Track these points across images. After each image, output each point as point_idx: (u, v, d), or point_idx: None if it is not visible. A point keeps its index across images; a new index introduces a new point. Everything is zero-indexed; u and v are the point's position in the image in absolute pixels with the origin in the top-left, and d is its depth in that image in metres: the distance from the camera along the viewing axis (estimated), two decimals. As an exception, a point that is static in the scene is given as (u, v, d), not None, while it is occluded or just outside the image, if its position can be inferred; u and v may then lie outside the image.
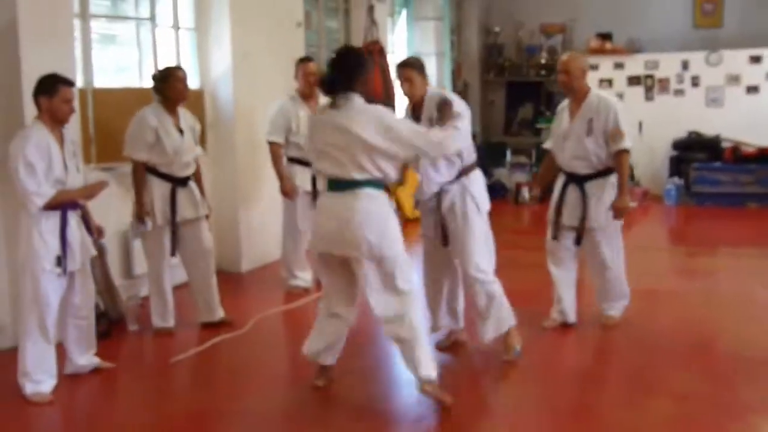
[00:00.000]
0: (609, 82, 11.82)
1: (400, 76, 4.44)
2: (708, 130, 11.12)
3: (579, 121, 4.92)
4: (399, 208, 9.83)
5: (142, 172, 5.06)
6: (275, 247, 6.63)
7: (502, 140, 12.77)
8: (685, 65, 11.49)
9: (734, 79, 11.25)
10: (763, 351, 4.69)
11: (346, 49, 4.33)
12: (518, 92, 13.05)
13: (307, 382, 4.28)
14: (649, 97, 11.67)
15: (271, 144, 6.11)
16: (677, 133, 11.25)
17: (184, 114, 5.24)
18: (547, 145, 5.33)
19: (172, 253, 5.21)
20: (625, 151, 4.82)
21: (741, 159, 10.55)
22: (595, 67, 11.70)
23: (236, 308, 5.67)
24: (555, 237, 5.09)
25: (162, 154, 5.02)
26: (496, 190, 10.54)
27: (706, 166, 10.63)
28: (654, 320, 5.28)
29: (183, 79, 5.11)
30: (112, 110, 5.76)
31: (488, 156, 11.35)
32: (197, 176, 5.35)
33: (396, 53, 10.89)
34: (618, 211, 4.87)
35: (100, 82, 5.90)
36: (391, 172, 3.87)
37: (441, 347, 4.82)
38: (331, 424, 3.92)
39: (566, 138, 4.98)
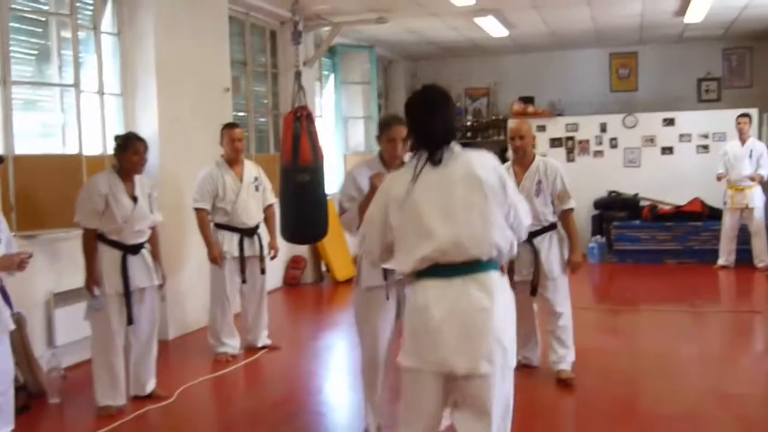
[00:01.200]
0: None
1: (395, 134, 4.00)
2: (627, 189, 11.51)
3: (527, 182, 5.24)
4: (328, 271, 9.85)
5: (93, 239, 4.91)
6: (203, 313, 6.56)
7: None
8: (603, 127, 11.91)
9: (650, 141, 11.71)
10: (683, 406, 4.82)
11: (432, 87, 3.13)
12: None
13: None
14: (570, 158, 12.02)
15: (198, 210, 6.12)
16: (598, 193, 11.59)
17: (141, 180, 5.11)
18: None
19: (129, 322, 5.00)
20: (572, 210, 5.31)
21: (658, 217, 10.91)
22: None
23: (163, 377, 5.52)
24: None
25: (110, 222, 4.89)
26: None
27: (626, 225, 10.96)
28: (579, 378, 5.36)
29: (141, 152, 5.00)
30: (34, 177, 5.68)
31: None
32: (153, 244, 5.24)
33: (324, 117, 11.02)
34: (574, 266, 5.32)
35: (22, 148, 5.81)
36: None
37: None
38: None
39: None
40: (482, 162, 2.90)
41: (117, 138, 5.10)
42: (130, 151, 4.96)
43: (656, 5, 9.69)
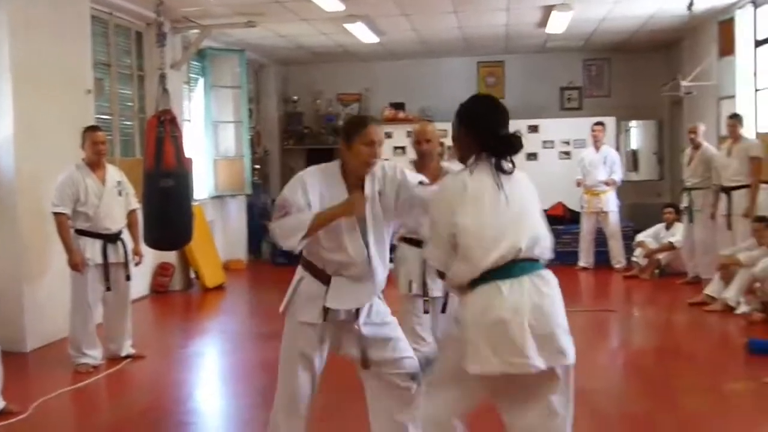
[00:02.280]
0: (403, 149, 12.31)
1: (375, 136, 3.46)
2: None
3: None
4: (198, 277, 9.68)
5: None
6: (64, 323, 6.29)
7: (303, 206, 12.92)
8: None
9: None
10: (613, 407, 4.96)
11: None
12: (318, 159, 12.81)
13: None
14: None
15: (58, 215, 5.86)
16: (467, 198, 11.84)
17: None
18: None
19: None
20: None
21: (525, 221, 11.25)
22: (389, 135, 12.19)
23: (18, 391, 5.25)
24: (427, 310, 4.79)
25: None
26: (295, 257, 10.59)
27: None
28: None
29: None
30: None
31: (289, 222, 11.44)
32: None
33: (192, 121, 10.82)
34: None
35: None
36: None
37: None
38: None
39: None
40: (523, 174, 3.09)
41: None
42: None
43: (520, 16, 10.04)
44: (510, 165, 2.96)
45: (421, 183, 3.57)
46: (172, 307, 8.96)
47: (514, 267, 2.84)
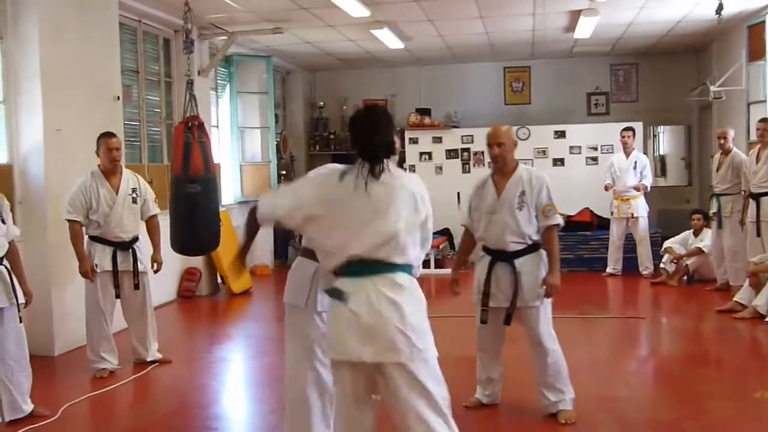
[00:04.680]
0: (429, 155, 12.33)
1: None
2: (520, 200, 11.77)
3: (509, 194, 4.65)
4: (224, 282, 9.72)
5: None
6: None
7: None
8: (497, 139, 12.15)
9: (542, 152, 12.06)
10: (640, 414, 4.93)
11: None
12: (344, 164, 13.25)
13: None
14: (465, 169, 12.26)
15: (70, 222, 5.87)
16: (493, 203, 11.80)
17: None
18: (464, 221, 4.96)
19: None
20: (556, 226, 4.71)
21: (551, 227, 11.18)
22: (415, 141, 12.22)
23: (47, 394, 5.33)
24: (484, 321, 4.76)
25: None
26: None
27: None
28: (468, 385, 5.41)
29: None
30: None
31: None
32: (12, 260, 4.96)
33: (219, 127, 10.89)
34: (552, 288, 4.62)
35: None
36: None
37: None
38: None
39: (493, 212, 4.69)
40: (412, 179, 3.18)
41: None
42: None
43: (546, 21, 10.00)
44: (380, 169, 3.06)
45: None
46: (198, 312, 9.01)
47: (358, 267, 3.01)
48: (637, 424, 4.74)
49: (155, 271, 6.32)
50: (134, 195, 6.10)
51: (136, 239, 6.13)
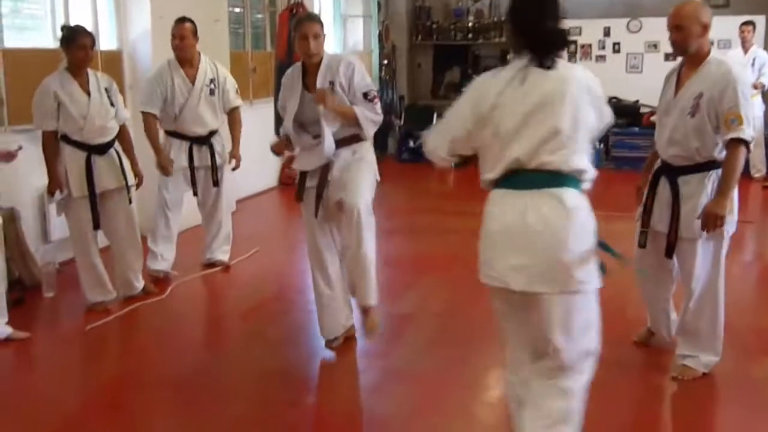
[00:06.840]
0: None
1: (306, 31, 3.98)
2: (628, 95, 11.35)
3: (687, 93, 3.71)
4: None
5: (51, 142, 4.76)
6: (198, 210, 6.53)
7: (430, 103, 12.79)
8: (606, 32, 11.69)
9: (653, 46, 11.50)
10: (744, 320, 4.74)
11: None
12: (446, 55, 13.06)
13: (221, 348, 4.29)
14: (572, 62, 11.81)
15: (145, 114, 5.55)
16: (599, 99, 11.44)
17: (95, 76, 4.89)
18: (655, 118, 4.09)
19: (95, 227, 4.91)
20: (741, 141, 3.56)
21: (658, 124, 10.81)
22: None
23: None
24: (642, 244, 4.02)
25: (69, 120, 4.72)
26: (420, 154, 10.61)
27: (624, 132, 10.88)
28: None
29: (85, 47, 4.71)
30: (24, 71, 5.60)
31: (415, 119, 11.42)
32: (123, 142, 5.07)
33: (322, 16, 10.80)
34: (708, 217, 3.62)
35: (12, 42, 5.72)
36: None
37: None
38: (244, 390, 3.94)
39: (667, 113, 3.83)
40: (588, 74, 2.76)
41: (63, 29, 4.83)
42: (74, 45, 4.69)
43: None
44: (550, 62, 2.63)
45: (365, 95, 4.10)
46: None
47: (518, 178, 2.63)
48: (739, 329, 4.63)
49: (233, 168, 6.00)
50: (212, 86, 5.69)
51: (213, 133, 5.81)
